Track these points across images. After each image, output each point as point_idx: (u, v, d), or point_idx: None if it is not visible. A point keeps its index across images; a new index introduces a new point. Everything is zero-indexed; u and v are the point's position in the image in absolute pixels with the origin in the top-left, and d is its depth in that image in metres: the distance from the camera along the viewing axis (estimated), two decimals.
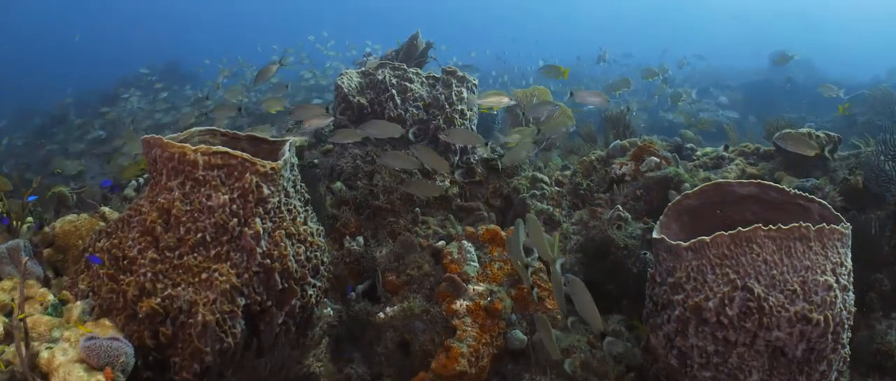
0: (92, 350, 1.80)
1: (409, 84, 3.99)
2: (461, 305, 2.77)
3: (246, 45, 16.29)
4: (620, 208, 3.51)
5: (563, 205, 3.98)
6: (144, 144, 2.28)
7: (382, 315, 2.82)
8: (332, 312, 2.92)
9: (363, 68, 4.09)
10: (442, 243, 3.22)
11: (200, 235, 2.12)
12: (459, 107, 4.05)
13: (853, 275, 2.26)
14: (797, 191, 2.50)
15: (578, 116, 5.82)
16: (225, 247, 2.14)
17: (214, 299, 2.07)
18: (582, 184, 4.09)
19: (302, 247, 2.37)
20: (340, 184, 3.68)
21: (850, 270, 2.24)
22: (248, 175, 2.18)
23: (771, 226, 2.10)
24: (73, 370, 1.81)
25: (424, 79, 4.10)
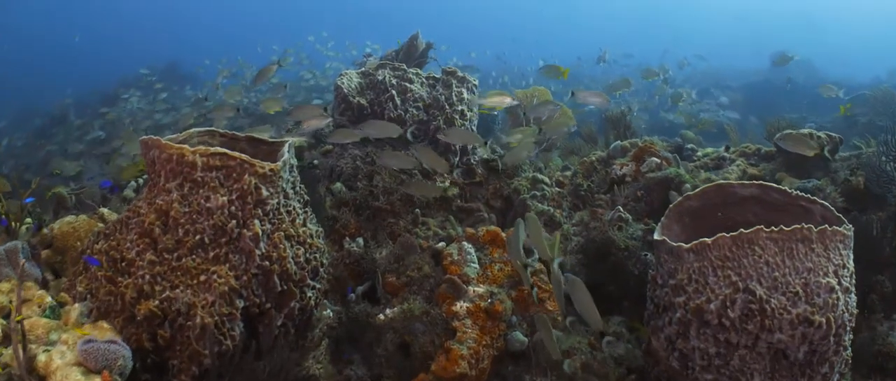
0: (89, 353, 1.80)
1: (409, 85, 3.97)
2: (461, 306, 2.76)
3: (246, 46, 16.30)
4: (621, 209, 3.50)
5: (563, 206, 3.97)
6: (143, 145, 2.26)
7: (382, 317, 2.81)
8: (331, 313, 2.91)
9: (363, 69, 4.08)
10: (442, 245, 3.21)
11: (199, 237, 2.11)
12: (460, 108, 4.03)
13: (855, 277, 2.26)
14: (799, 192, 2.48)
15: (579, 116, 5.81)
16: (223, 249, 2.13)
17: (213, 302, 2.06)
18: (582, 185, 4.08)
19: (301, 249, 2.36)
20: (340, 185, 3.67)
21: (852, 272, 2.23)
22: (246, 177, 2.16)
23: (773, 228, 2.09)
24: (70, 373, 1.80)
25: (424, 79, 4.09)
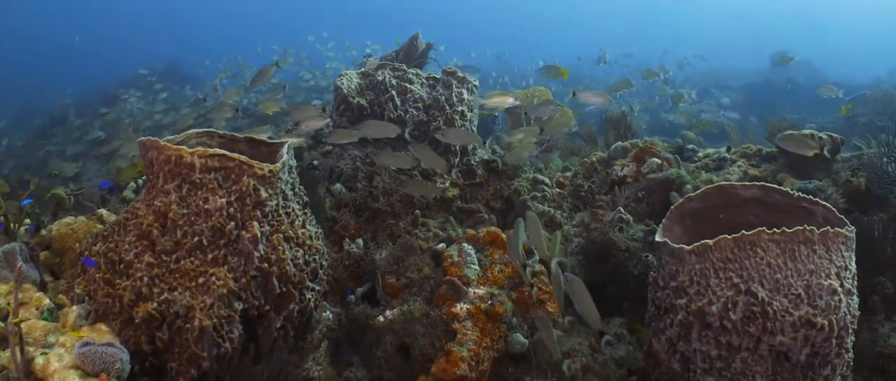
0: (87, 356, 1.78)
1: (409, 85, 3.96)
2: (461, 308, 2.75)
3: (246, 46, 16.29)
4: (622, 210, 3.49)
5: (564, 207, 3.96)
6: (141, 146, 2.25)
7: (382, 319, 2.80)
8: (331, 315, 2.90)
9: (363, 69, 4.07)
10: (442, 246, 3.19)
11: (197, 238, 2.10)
12: (460, 108, 4.02)
13: (857, 278, 2.24)
14: (801, 194, 2.47)
15: (579, 116, 5.81)
16: (222, 251, 2.12)
17: (211, 304, 2.05)
18: (583, 186, 4.07)
19: (300, 250, 2.34)
20: (340, 186, 3.66)
21: (854, 273, 2.22)
22: (245, 178, 2.15)
23: (775, 229, 2.08)
24: (68, 376, 1.79)
25: (424, 80, 4.08)
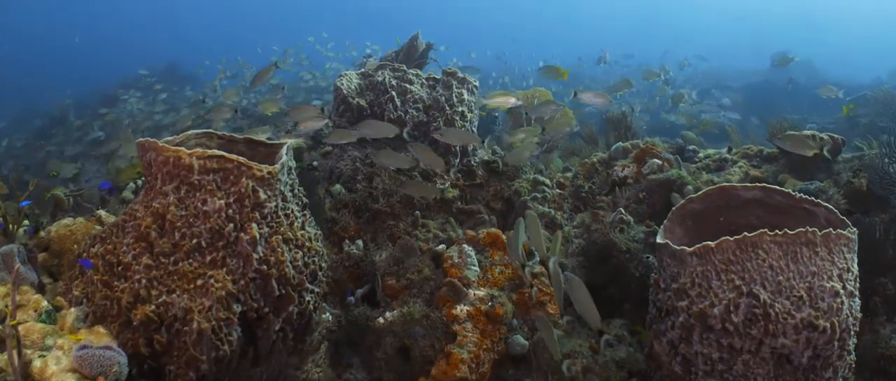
0: (84, 359, 1.77)
1: (408, 86, 3.95)
2: (462, 310, 2.74)
3: (246, 47, 16.29)
4: (623, 211, 3.48)
5: (564, 208, 3.95)
6: (139, 147, 2.24)
7: (382, 320, 2.79)
8: (330, 317, 2.88)
9: (363, 70, 4.06)
10: (442, 247, 3.18)
11: (196, 240, 2.08)
12: (460, 109, 4.01)
13: (859, 280, 2.23)
14: (802, 195, 2.46)
15: (579, 117, 5.80)
16: (221, 253, 2.10)
17: (210, 306, 2.03)
18: (584, 186, 4.06)
19: (299, 252, 2.33)
20: (340, 187, 3.64)
21: (856, 275, 2.20)
22: (244, 179, 2.14)
23: (777, 231, 2.07)
24: (65, 379, 1.78)
25: (424, 80, 4.06)
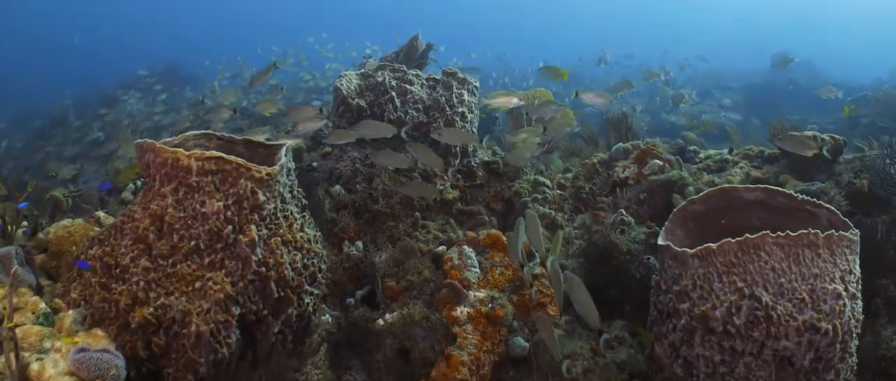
0: (82, 363, 1.76)
1: (408, 86, 3.93)
2: (462, 311, 2.72)
3: (246, 47, 16.26)
4: (623, 212, 3.47)
5: (565, 209, 3.93)
6: (138, 148, 2.23)
7: (382, 322, 2.78)
8: (330, 318, 2.87)
9: (363, 70, 4.04)
10: (442, 248, 3.17)
11: (194, 242, 2.07)
12: (460, 109, 3.99)
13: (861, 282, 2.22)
14: (804, 196, 2.45)
15: (580, 117, 5.78)
16: (219, 255, 2.09)
17: (208, 309, 2.02)
18: (584, 187, 4.04)
19: (298, 254, 2.32)
20: (339, 187, 3.63)
21: (858, 277, 2.20)
22: (242, 181, 2.13)
23: (779, 233, 2.06)
24: None
25: (424, 81, 4.05)
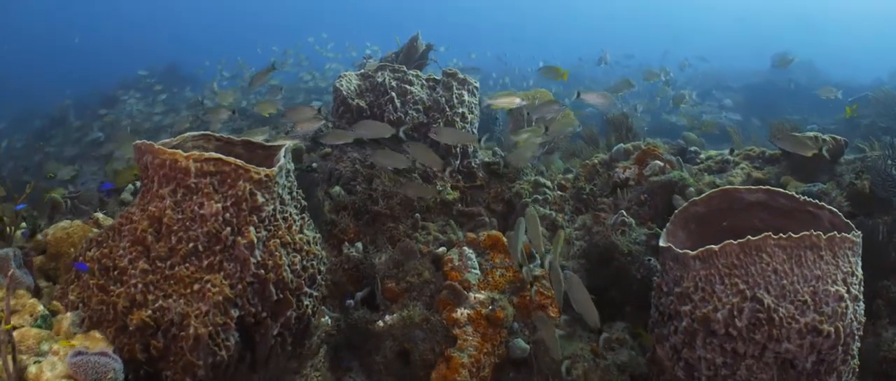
0: (79, 366, 1.75)
1: (408, 87, 3.92)
2: (462, 313, 2.71)
3: (246, 47, 16.23)
4: (624, 214, 3.46)
5: (565, 210, 3.92)
6: (136, 150, 2.21)
7: (381, 324, 2.76)
8: (329, 320, 2.86)
9: (362, 70, 4.03)
10: (442, 250, 3.16)
11: (192, 244, 2.06)
12: (460, 110, 3.98)
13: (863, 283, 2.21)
14: (806, 197, 2.44)
15: (580, 117, 5.77)
16: (218, 257, 2.08)
17: (207, 311, 2.01)
18: (585, 188, 4.03)
19: (297, 256, 2.30)
20: (339, 188, 3.62)
21: (861, 279, 2.18)
22: (241, 182, 2.11)
23: (781, 234, 2.05)
24: None
25: (424, 81, 4.04)
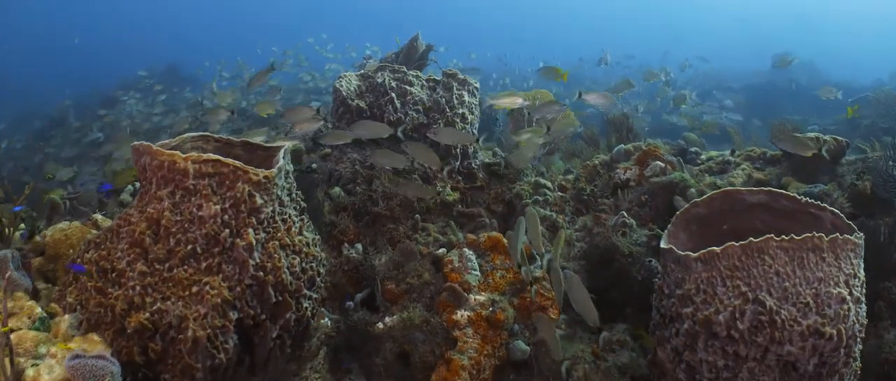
0: (77, 370, 1.74)
1: (408, 87, 3.91)
2: (462, 315, 2.70)
3: (245, 47, 16.23)
4: (625, 215, 3.44)
5: (566, 211, 3.91)
6: (134, 151, 2.20)
7: (381, 325, 2.75)
8: (329, 322, 2.85)
9: (362, 71, 4.02)
10: (443, 251, 3.15)
11: (191, 246, 2.04)
12: (460, 110, 3.97)
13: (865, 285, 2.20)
14: (808, 199, 2.42)
15: (581, 118, 5.75)
16: (216, 259, 2.06)
17: (205, 314, 2.00)
18: (585, 189, 4.01)
19: (297, 258, 2.29)
20: (339, 189, 3.60)
21: (863, 281, 2.17)
22: (240, 184, 2.10)
23: (783, 236, 2.03)
24: None
25: (424, 82, 4.03)
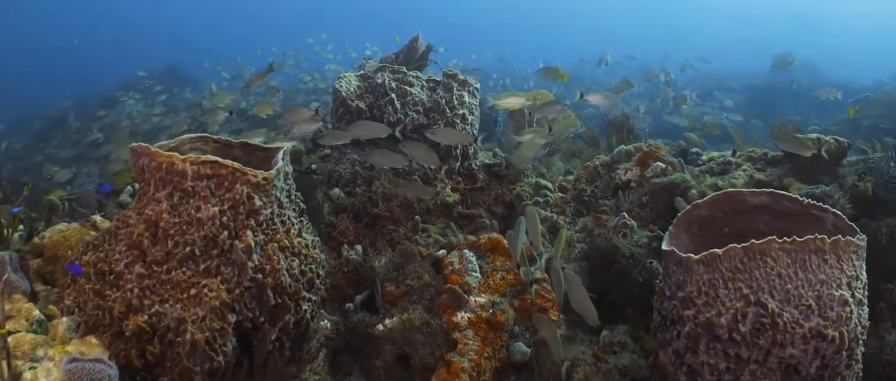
0: (74, 373, 1.73)
1: (408, 88, 3.90)
2: (462, 317, 2.69)
3: (245, 48, 16.25)
4: (626, 216, 3.43)
5: (566, 212, 3.89)
6: (132, 152, 2.19)
7: (381, 327, 2.74)
8: (328, 324, 2.84)
9: (362, 72, 4.01)
10: (443, 252, 3.14)
11: (189, 248, 2.03)
12: (461, 111, 3.96)
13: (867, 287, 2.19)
14: (810, 200, 2.41)
15: (581, 118, 5.74)
16: (215, 261, 2.05)
17: (204, 316, 1.98)
18: (586, 190, 4.00)
19: (296, 260, 2.28)
20: (339, 190, 3.59)
21: (865, 283, 2.17)
22: (238, 186, 2.09)
23: (785, 238, 2.02)
24: None
25: (425, 82, 4.02)
